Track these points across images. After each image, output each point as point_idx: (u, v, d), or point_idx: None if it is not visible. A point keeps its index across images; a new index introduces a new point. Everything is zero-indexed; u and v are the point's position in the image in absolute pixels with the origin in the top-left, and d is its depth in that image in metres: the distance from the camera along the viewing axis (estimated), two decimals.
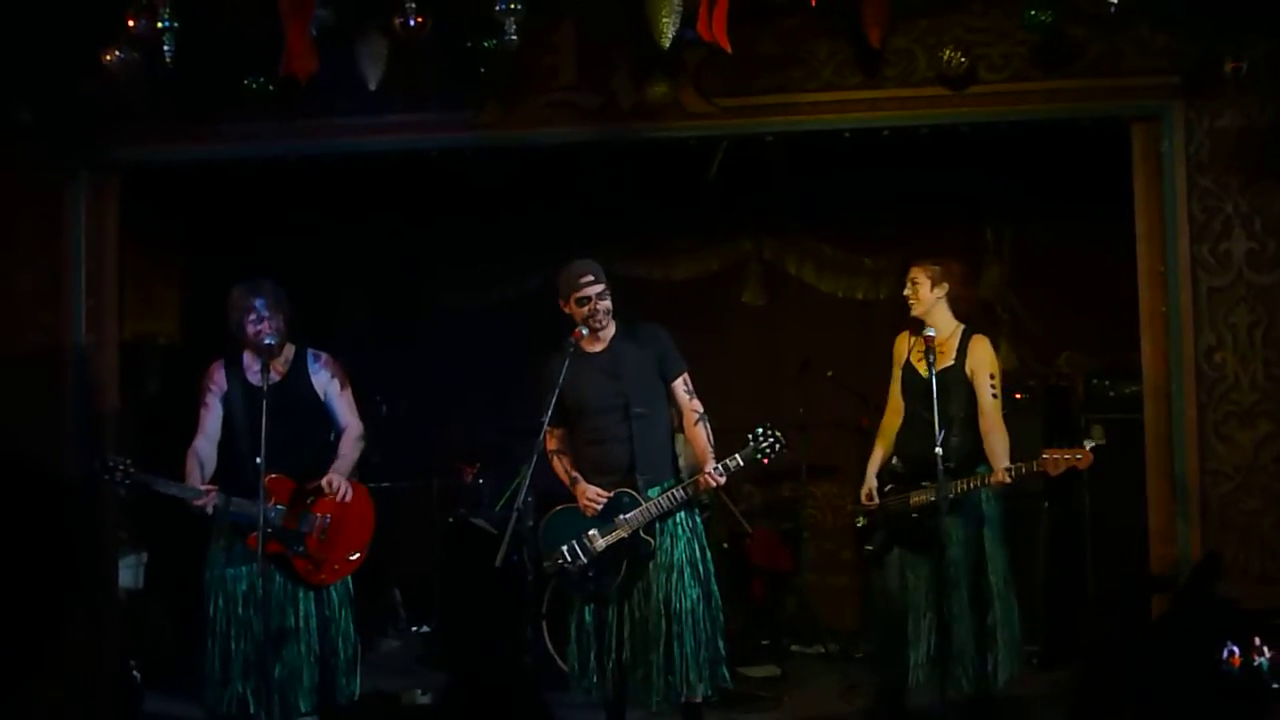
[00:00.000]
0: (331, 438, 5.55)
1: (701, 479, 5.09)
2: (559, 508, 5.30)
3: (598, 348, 5.28)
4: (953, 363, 5.52)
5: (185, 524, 5.78)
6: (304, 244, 7.76)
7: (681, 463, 5.59)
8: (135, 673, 6.12)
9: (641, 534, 5.11)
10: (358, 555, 5.47)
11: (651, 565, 5.13)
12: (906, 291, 5.65)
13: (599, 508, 5.14)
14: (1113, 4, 4.86)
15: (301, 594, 5.36)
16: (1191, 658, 1.72)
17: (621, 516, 5.12)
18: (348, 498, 5.38)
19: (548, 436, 5.24)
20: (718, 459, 5.12)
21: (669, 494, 5.12)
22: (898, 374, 5.79)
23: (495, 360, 7.98)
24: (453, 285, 8.50)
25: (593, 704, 5.35)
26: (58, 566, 5.70)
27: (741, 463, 5.11)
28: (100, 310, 6.11)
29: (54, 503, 5.88)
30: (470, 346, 8.19)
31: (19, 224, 6.04)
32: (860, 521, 5.80)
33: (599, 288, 5.23)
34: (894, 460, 5.72)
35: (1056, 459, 5.23)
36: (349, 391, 5.58)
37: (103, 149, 6.05)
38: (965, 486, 5.32)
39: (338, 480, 5.37)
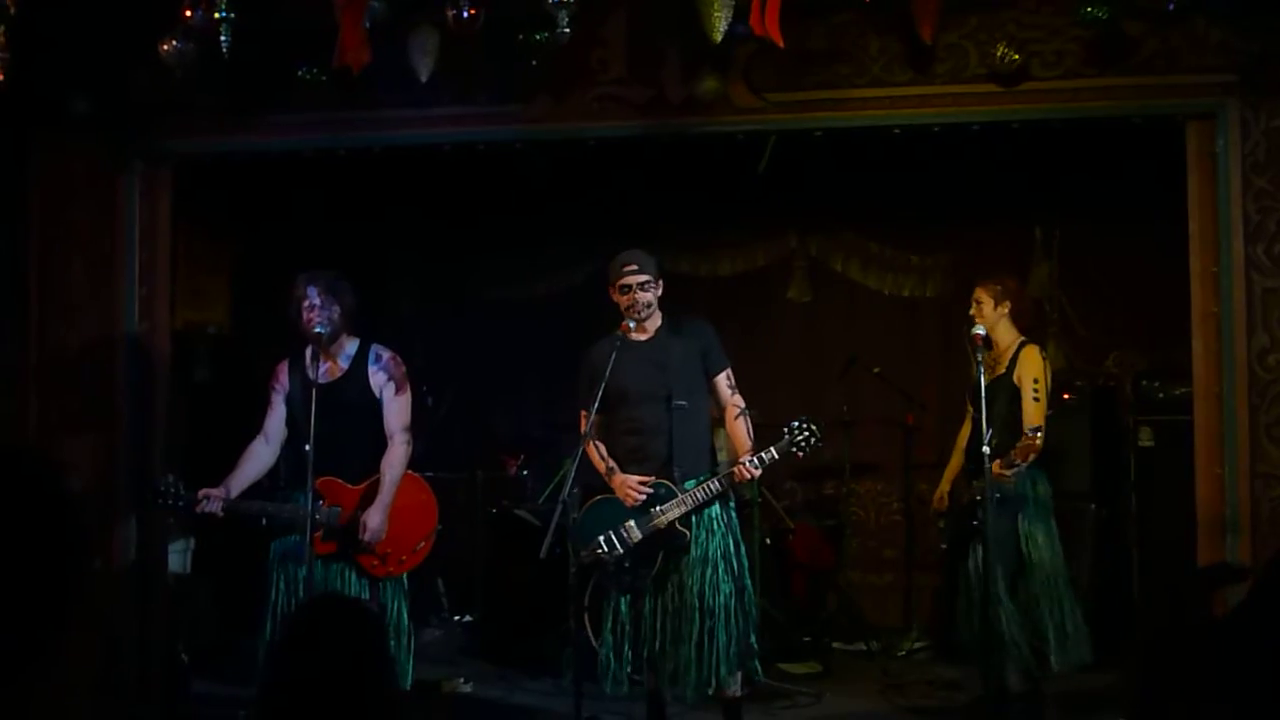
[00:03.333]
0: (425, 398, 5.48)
1: (737, 471, 5.07)
2: (596, 498, 5.29)
3: (643, 338, 5.29)
4: (1004, 371, 5.70)
5: (232, 534, 5.85)
6: (352, 235, 7.81)
7: (722, 457, 5.58)
8: (183, 655, 6.19)
9: (678, 525, 5.10)
10: (423, 544, 5.39)
11: (686, 558, 5.12)
12: (971, 311, 5.78)
13: (641, 498, 5.13)
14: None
15: (356, 583, 5.34)
16: (1265, 651, 1.69)
17: (658, 508, 5.11)
18: (377, 536, 5.22)
19: (584, 419, 5.25)
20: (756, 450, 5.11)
21: (705, 486, 5.09)
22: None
23: (540, 353, 8.01)
24: (499, 278, 8.54)
25: (628, 697, 5.37)
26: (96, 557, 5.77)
27: (776, 455, 5.09)
28: (152, 299, 6.17)
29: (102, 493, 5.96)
30: (516, 339, 8.24)
31: (74, 213, 6.10)
32: (940, 524, 6.11)
33: (642, 278, 5.22)
34: (968, 464, 5.91)
35: (1020, 448, 5.34)
36: (405, 397, 5.39)
37: (157, 140, 6.10)
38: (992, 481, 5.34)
39: (374, 524, 5.18)
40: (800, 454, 5.14)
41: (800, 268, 8.24)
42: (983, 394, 5.20)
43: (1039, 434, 5.37)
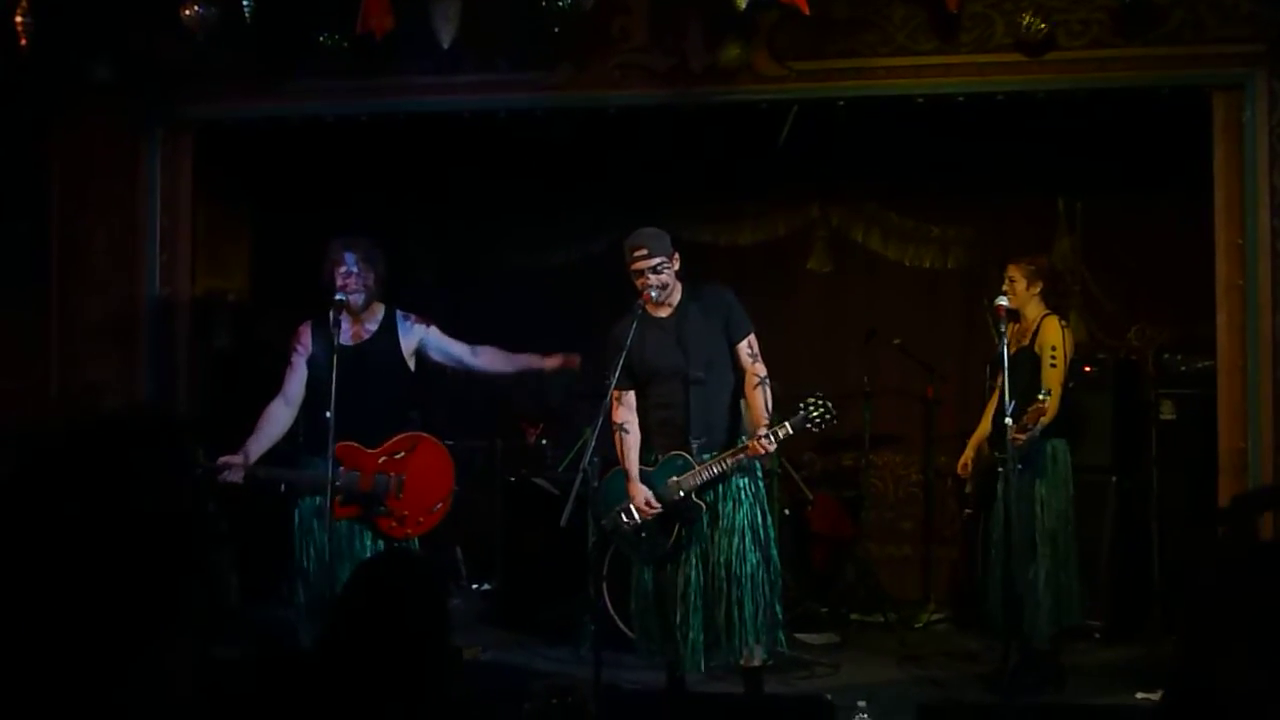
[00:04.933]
0: (413, 414, 5.51)
1: (750, 445, 5.04)
2: (616, 468, 5.30)
3: (664, 313, 5.25)
4: (1027, 343, 5.71)
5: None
6: (373, 202, 7.80)
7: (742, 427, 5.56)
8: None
9: (694, 498, 5.10)
10: (440, 506, 5.39)
11: (715, 529, 5.13)
12: (1005, 288, 5.74)
13: (647, 518, 5.13)
14: None
15: (372, 546, 5.37)
16: None
17: (674, 479, 5.12)
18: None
19: (614, 403, 5.24)
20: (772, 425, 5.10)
21: (720, 459, 5.07)
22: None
23: (560, 322, 7.99)
24: (520, 246, 8.52)
25: (649, 666, 5.40)
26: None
27: (791, 431, 5.05)
28: (174, 265, 6.20)
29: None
30: (536, 307, 8.22)
31: (95, 180, 6.12)
32: (966, 489, 6.21)
33: (653, 261, 5.09)
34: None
35: (1030, 411, 5.35)
36: (446, 337, 5.55)
37: (178, 106, 6.11)
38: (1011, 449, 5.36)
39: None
40: (814, 430, 5.11)
41: (821, 238, 8.20)
42: (1006, 364, 5.21)
43: (1048, 397, 5.37)
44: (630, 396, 5.27)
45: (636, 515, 5.14)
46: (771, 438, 5.01)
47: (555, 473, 7.37)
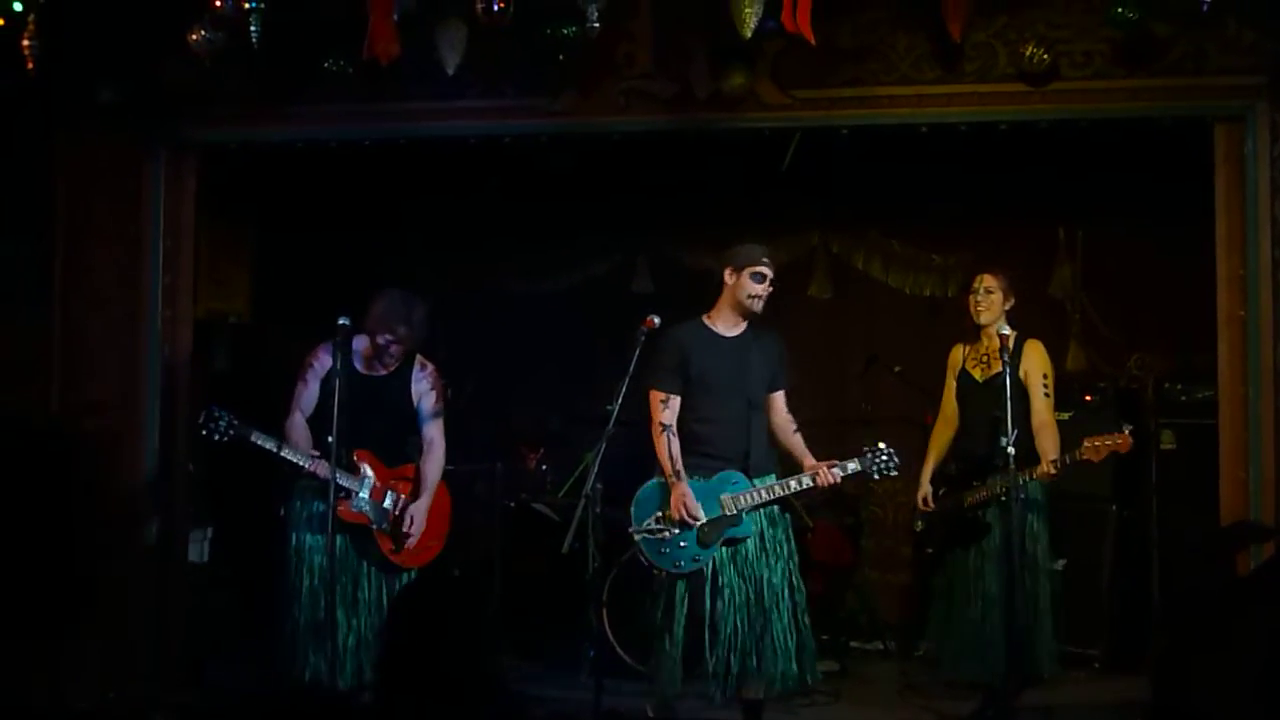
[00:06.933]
0: (412, 439, 5.60)
1: (821, 474, 5.17)
2: (654, 481, 5.29)
3: (733, 332, 5.35)
4: (1002, 369, 5.50)
5: (253, 499, 5.87)
6: (375, 227, 7.81)
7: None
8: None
9: (744, 516, 5.14)
10: (437, 544, 5.56)
11: (763, 551, 5.16)
12: (979, 299, 5.68)
13: (692, 522, 5.11)
14: (1205, 1, 4.77)
15: (376, 575, 5.40)
16: None
17: (728, 495, 5.13)
18: (418, 529, 5.43)
19: (660, 404, 5.24)
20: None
21: (785, 483, 5.19)
22: (951, 383, 5.94)
23: (561, 346, 8.00)
24: (521, 270, 8.52)
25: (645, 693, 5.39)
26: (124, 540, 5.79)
27: (859, 469, 5.23)
28: (177, 287, 6.20)
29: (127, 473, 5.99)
30: (537, 332, 8.22)
31: (99, 202, 6.13)
32: (918, 526, 5.91)
33: (770, 274, 5.36)
34: (949, 465, 5.84)
35: (1098, 445, 5.29)
36: (441, 406, 5.60)
37: (183, 129, 6.13)
38: (1017, 479, 5.26)
39: (418, 518, 5.43)
40: (876, 477, 5.29)
41: (822, 265, 8.21)
42: (1009, 392, 5.18)
43: (1056, 465, 5.34)
44: (676, 401, 5.29)
45: (676, 522, 5.12)
46: (841, 470, 5.16)
47: (555, 498, 7.36)
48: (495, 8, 4.91)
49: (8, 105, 5.89)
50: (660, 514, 5.15)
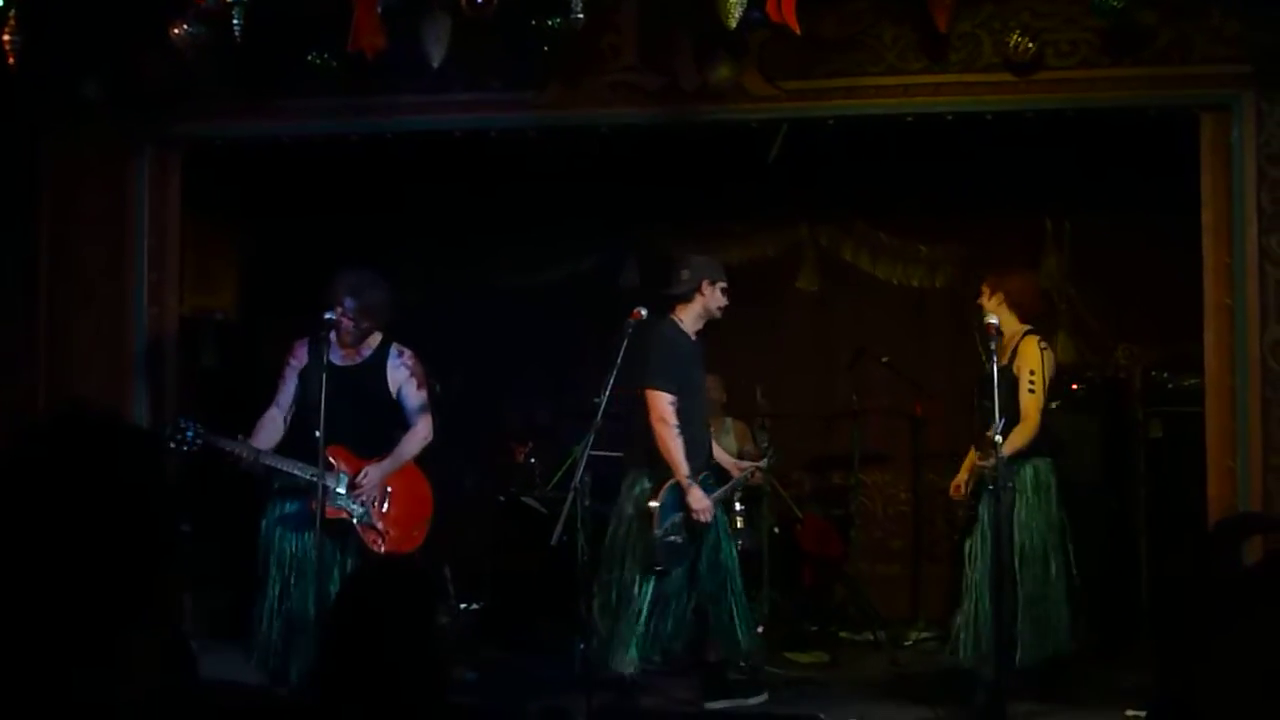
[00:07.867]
0: (397, 434, 5.52)
1: (755, 473, 5.91)
2: (673, 481, 5.39)
3: (695, 336, 5.44)
4: (1007, 362, 5.64)
5: (232, 495, 5.83)
6: (361, 221, 7.78)
7: None
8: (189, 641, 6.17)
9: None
10: (418, 532, 5.50)
11: (721, 535, 5.47)
12: (981, 300, 5.80)
13: (706, 520, 5.34)
14: None
15: (351, 566, 5.37)
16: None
17: (718, 494, 5.52)
18: (371, 492, 5.33)
19: (669, 404, 5.34)
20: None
21: (735, 480, 5.69)
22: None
23: (548, 341, 7.99)
24: (508, 265, 8.50)
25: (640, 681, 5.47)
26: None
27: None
28: (162, 283, 6.19)
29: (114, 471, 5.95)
30: (524, 326, 8.21)
31: (84, 198, 6.11)
32: (960, 512, 6.12)
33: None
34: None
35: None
36: (425, 393, 5.52)
37: (168, 124, 6.10)
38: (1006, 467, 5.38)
39: (372, 476, 5.31)
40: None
41: (810, 257, 8.20)
42: (995, 382, 5.20)
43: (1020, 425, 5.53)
44: (678, 404, 5.42)
45: (682, 528, 5.26)
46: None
47: (544, 492, 7.35)
48: (480, 0, 4.90)
49: None
50: (679, 516, 5.23)
